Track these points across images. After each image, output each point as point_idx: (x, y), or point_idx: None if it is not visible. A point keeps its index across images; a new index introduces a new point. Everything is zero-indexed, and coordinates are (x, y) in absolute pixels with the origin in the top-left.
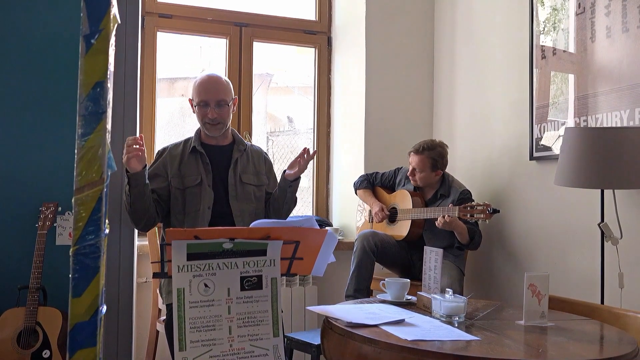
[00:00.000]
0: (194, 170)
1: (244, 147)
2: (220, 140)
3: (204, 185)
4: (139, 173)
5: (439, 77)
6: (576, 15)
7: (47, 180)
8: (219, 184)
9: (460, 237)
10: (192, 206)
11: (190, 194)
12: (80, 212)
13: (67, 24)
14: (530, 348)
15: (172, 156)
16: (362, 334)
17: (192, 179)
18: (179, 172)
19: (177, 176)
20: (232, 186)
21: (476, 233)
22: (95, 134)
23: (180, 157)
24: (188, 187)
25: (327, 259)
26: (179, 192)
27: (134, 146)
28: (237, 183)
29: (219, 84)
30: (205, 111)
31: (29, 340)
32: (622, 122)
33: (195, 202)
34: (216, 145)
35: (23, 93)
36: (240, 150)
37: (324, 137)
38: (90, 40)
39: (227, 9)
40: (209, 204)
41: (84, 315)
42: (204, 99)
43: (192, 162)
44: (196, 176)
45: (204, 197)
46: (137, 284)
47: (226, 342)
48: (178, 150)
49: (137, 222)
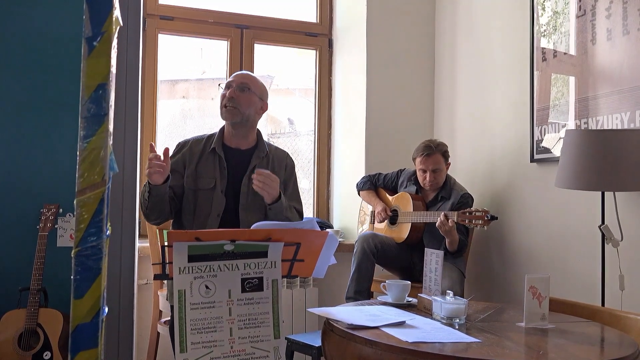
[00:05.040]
0: (210, 172)
1: (264, 153)
2: (242, 143)
3: (217, 190)
4: (161, 185)
5: (440, 79)
6: (577, 18)
7: (48, 182)
8: (231, 191)
9: (449, 245)
10: (202, 210)
11: (202, 197)
12: (82, 214)
13: (69, 27)
14: (531, 350)
15: (192, 153)
16: (363, 335)
17: (207, 182)
18: (195, 172)
19: (192, 176)
20: (244, 195)
21: (465, 246)
22: (98, 136)
23: (199, 155)
24: (200, 190)
25: (328, 260)
26: (191, 192)
27: (154, 161)
28: (250, 192)
29: (249, 75)
30: (226, 92)
31: (30, 342)
32: (623, 125)
33: (205, 206)
34: (237, 148)
35: (25, 95)
36: (260, 157)
37: (324, 139)
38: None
39: (228, 11)
40: (218, 211)
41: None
42: (229, 81)
43: (210, 164)
44: (210, 179)
45: (215, 203)
46: (138, 286)
47: (227, 343)
48: (199, 147)
49: (149, 219)
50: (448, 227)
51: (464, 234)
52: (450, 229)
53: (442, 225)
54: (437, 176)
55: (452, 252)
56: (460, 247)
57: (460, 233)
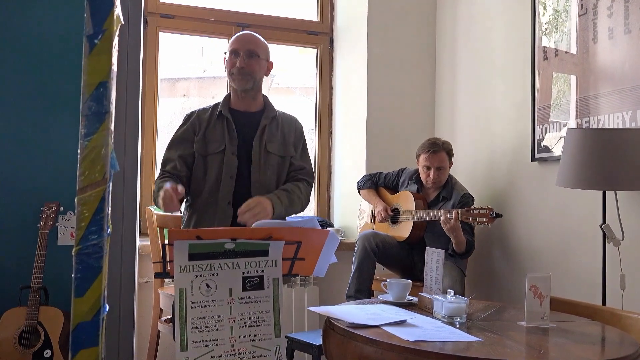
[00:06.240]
0: (218, 136)
1: (273, 114)
2: (250, 106)
3: (227, 153)
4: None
5: (441, 78)
6: (578, 17)
7: (49, 180)
8: (244, 152)
9: (457, 246)
10: (213, 174)
11: (212, 162)
12: (83, 212)
13: (70, 25)
14: (532, 349)
15: (200, 120)
16: (364, 334)
17: (216, 146)
18: (204, 137)
19: (202, 141)
20: (256, 155)
21: (472, 247)
22: (99, 134)
23: (207, 121)
24: (210, 154)
25: (328, 259)
26: (201, 158)
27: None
28: (262, 152)
29: (253, 37)
30: (234, 60)
31: (31, 340)
32: (624, 124)
33: (217, 170)
34: (245, 111)
35: (26, 93)
36: (268, 118)
37: (325, 137)
38: (93, 40)
39: (229, 10)
40: (231, 173)
41: (86, 315)
42: (235, 47)
43: (218, 128)
44: (220, 143)
45: (227, 166)
46: (138, 284)
47: (228, 342)
48: (206, 114)
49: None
50: (451, 225)
51: (471, 234)
52: (454, 226)
53: (446, 223)
54: (440, 174)
55: (460, 253)
56: (468, 248)
57: (467, 234)
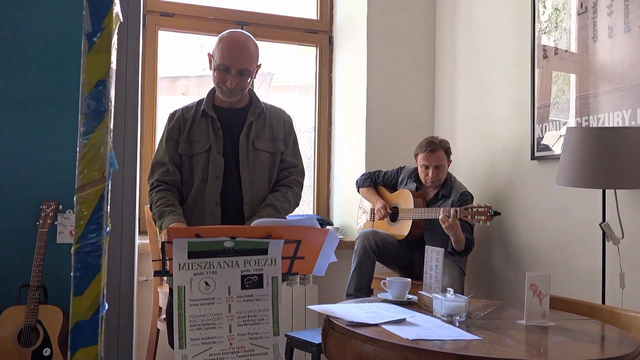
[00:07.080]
0: (203, 135)
1: (260, 110)
2: (235, 103)
3: (212, 152)
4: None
5: (440, 76)
6: (578, 15)
7: (47, 179)
8: (230, 150)
9: (456, 245)
10: (199, 175)
11: (197, 162)
12: (82, 210)
13: (69, 22)
14: (532, 348)
15: (184, 119)
16: (363, 333)
17: (201, 145)
18: (188, 137)
19: (186, 141)
20: (244, 153)
21: (472, 245)
22: (98, 132)
23: (191, 120)
24: (195, 154)
25: (328, 258)
26: (187, 159)
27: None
28: (250, 149)
29: (246, 50)
30: (224, 77)
31: (30, 339)
32: (624, 122)
33: (203, 170)
34: (230, 108)
35: (25, 91)
36: (255, 114)
37: (325, 136)
38: (92, 38)
39: (229, 8)
40: (218, 173)
41: (85, 313)
42: (226, 63)
43: (202, 127)
44: (205, 142)
45: (213, 165)
46: (138, 283)
47: (226, 340)
48: (190, 113)
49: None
50: (450, 223)
51: (470, 232)
52: (452, 224)
53: (445, 221)
54: (439, 173)
55: (460, 252)
56: (467, 246)
57: (466, 232)
